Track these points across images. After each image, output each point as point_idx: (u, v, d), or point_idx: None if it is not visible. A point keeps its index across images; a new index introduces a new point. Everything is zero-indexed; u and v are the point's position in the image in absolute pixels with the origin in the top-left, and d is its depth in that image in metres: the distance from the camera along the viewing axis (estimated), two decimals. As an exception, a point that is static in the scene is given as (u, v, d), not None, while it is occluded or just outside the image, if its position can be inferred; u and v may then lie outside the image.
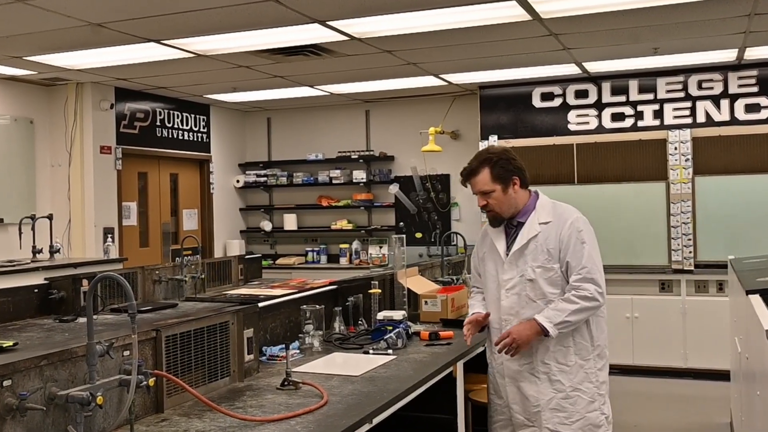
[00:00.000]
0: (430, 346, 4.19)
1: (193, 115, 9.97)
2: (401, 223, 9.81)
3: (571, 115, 8.64)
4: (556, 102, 8.71)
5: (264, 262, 8.64)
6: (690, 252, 8.02)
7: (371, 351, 4.02)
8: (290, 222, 10.60)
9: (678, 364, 7.94)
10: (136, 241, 9.13)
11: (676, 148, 8.12)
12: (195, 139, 10.04)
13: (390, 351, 4.00)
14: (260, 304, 3.94)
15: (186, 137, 9.87)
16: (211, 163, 10.34)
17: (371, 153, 10.19)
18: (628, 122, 8.41)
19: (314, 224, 10.68)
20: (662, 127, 8.26)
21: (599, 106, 8.54)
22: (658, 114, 8.30)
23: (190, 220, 10.08)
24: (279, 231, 10.73)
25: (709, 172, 8.04)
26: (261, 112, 10.93)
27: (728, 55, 7.59)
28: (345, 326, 4.56)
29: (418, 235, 9.78)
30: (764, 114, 7.94)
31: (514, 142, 8.67)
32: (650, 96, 8.33)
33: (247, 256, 7.26)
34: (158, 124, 9.38)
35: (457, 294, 5.08)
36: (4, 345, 3.47)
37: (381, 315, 4.50)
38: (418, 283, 5.27)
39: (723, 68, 8.06)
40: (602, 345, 3.58)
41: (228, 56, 7.10)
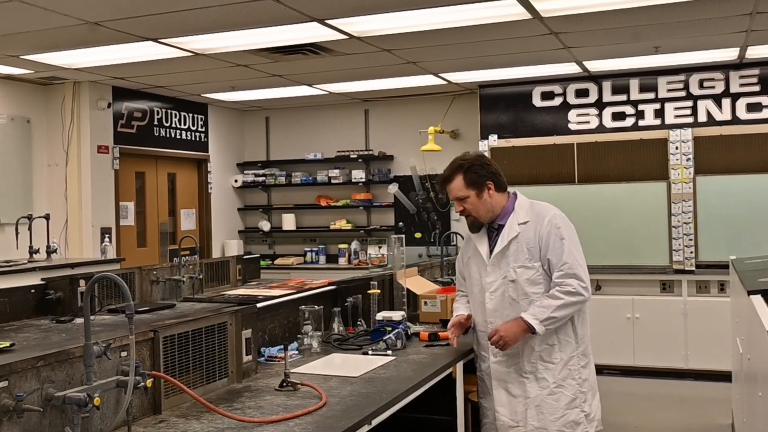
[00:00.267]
0: (430, 346, 4.17)
1: (191, 115, 9.96)
2: (400, 223, 9.80)
3: (572, 115, 8.63)
4: (557, 101, 8.70)
5: (262, 263, 8.63)
6: (691, 252, 8.01)
7: (370, 352, 4.00)
8: (289, 222, 10.59)
9: (679, 364, 7.93)
10: (133, 241, 9.12)
11: (677, 148, 8.10)
12: (193, 138, 10.03)
13: (389, 352, 3.99)
14: (258, 305, 3.92)
15: (184, 137, 9.86)
16: (209, 163, 10.34)
17: (370, 152, 10.19)
18: (629, 121, 8.40)
19: (313, 224, 10.68)
20: (663, 126, 8.25)
21: (600, 105, 8.53)
22: (659, 113, 8.29)
23: (187, 220, 10.07)
24: (277, 231, 10.72)
25: (711, 171, 8.02)
26: (259, 112, 10.93)
27: (730, 54, 7.58)
28: (344, 327, 4.55)
29: (418, 235, 9.77)
30: (766, 113, 7.93)
31: (514, 141, 8.67)
32: (651, 95, 8.32)
33: (245, 257, 7.23)
34: (156, 123, 9.37)
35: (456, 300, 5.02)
36: (1, 346, 3.42)
37: (380, 316, 4.48)
38: (418, 284, 5.24)
39: (724, 67, 8.05)
40: (586, 342, 3.63)
41: (226, 55, 7.09)
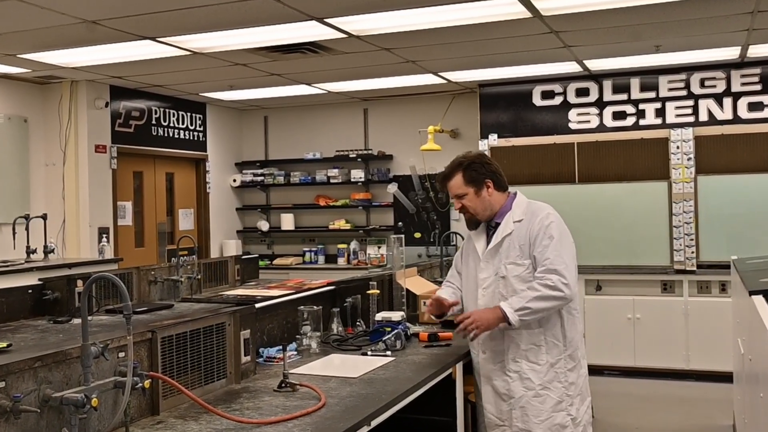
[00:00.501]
0: (429, 347, 4.17)
1: (189, 114, 9.96)
2: (400, 223, 9.79)
3: (572, 114, 8.62)
4: (557, 100, 8.69)
5: (261, 263, 8.66)
6: (692, 252, 7.99)
7: (369, 352, 4.00)
8: (287, 222, 10.58)
9: (680, 365, 7.91)
10: (131, 241, 9.12)
11: (678, 147, 8.09)
12: (191, 137, 10.02)
13: (388, 352, 3.99)
14: (257, 305, 3.93)
15: (182, 136, 9.85)
16: (208, 162, 10.33)
17: (369, 152, 10.18)
18: (630, 121, 8.39)
19: (312, 224, 10.67)
20: (664, 125, 8.24)
21: (600, 104, 8.52)
22: (660, 112, 8.28)
23: (186, 220, 10.06)
24: (276, 231, 10.71)
25: (712, 171, 8.01)
26: (258, 111, 10.92)
27: (731, 53, 7.57)
28: (343, 327, 4.54)
29: (417, 235, 9.77)
30: (767, 112, 7.91)
31: (514, 140, 8.65)
32: (652, 94, 8.31)
33: (243, 257, 7.22)
34: (154, 122, 9.36)
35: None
36: (-2, 346, 3.44)
37: (379, 316, 4.46)
38: (417, 284, 5.23)
39: (726, 66, 8.04)
40: (575, 346, 3.62)
41: (224, 54, 7.09)
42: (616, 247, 8.21)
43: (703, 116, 8.11)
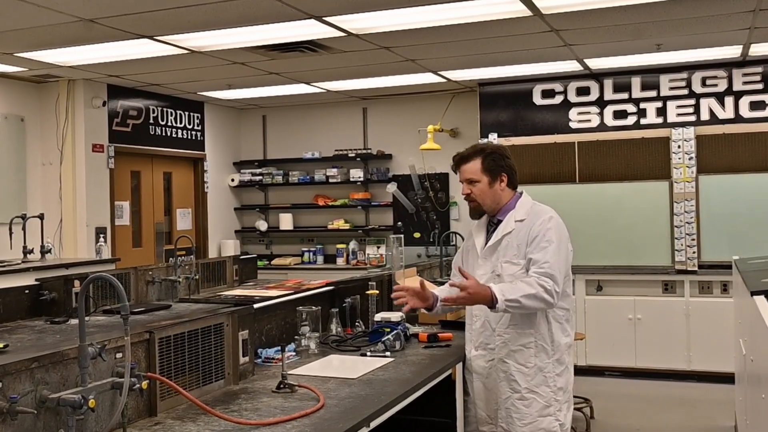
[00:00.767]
0: (429, 348, 4.15)
1: (187, 113, 9.94)
2: (399, 223, 9.74)
3: (573, 113, 8.60)
4: (557, 99, 8.66)
5: (259, 263, 8.68)
6: (693, 252, 7.97)
7: (368, 353, 3.97)
8: (286, 222, 10.55)
9: (681, 366, 7.90)
10: (128, 241, 9.10)
11: (679, 147, 8.07)
12: (189, 137, 10.01)
13: (388, 353, 3.96)
14: (255, 306, 3.91)
15: (180, 135, 9.83)
16: (206, 162, 10.31)
17: (369, 151, 10.17)
18: (631, 120, 8.37)
19: (310, 224, 10.65)
20: (665, 124, 8.22)
21: (601, 103, 8.50)
22: (661, 111, 8.26)
23: (183, 220, 10.05)
24: (275, 231, 10.69)
25: (713, 170, 7.99)
26: (256, 110, 10.89)
27: (733, 52, 7.56)
28: (342, 328, 4.52)
29: (417, 234, 9.76)
30: (769, 111, 7.93)
31: (514, 140, 8.62)
32: (653, 93, 8.29)
33: (242, 257, 7.24)
34: (151, 121, 9.35)
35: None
36: (-5, 347, 3.45)
37: (378, 316, 4.45)
38: (417, 284, 5.13)
39: (727, 65, 8.02)
40: (563, 350, 3.59)
41: (222, 53, 7.07)
42: (616, 247, 8.21)
43: (705, 115, 8.09)
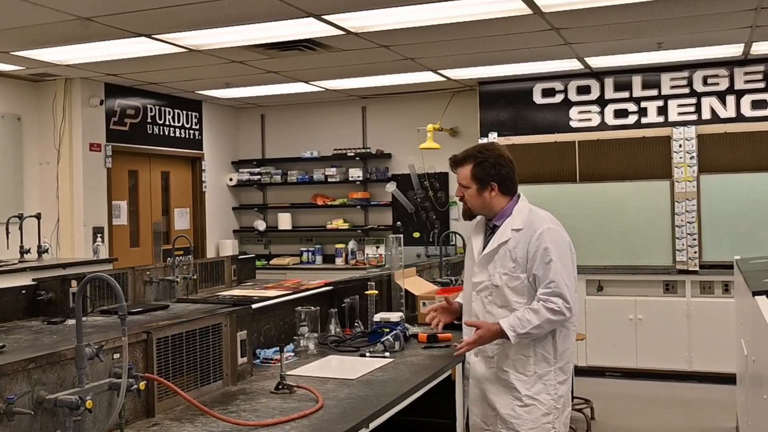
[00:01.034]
0: (428, 348, 4.15)
1: (184, 112, 9.92)
2: (398, 223, 9.73)
3: (573, 112, 8.58)
4: (558, 98, 8.64)
5: (258, 263, 8.65)
6: (695, 252, 7.95)
7: (368, 354, 3.97)
8: (285, 221, 10.53)
9: (683, 367, 7.88)
10: (126, 241, 9.08)
11: (680, 146, 8.05)
12: (187, 136, 9.99)
13: (387, 354, 3.96)
14: (254, 306, 3.91)
15: (177, 134, 9.82)
16: (204, 161, 10.29)
17: (368, 150, 10.15)
18: (632, 119, 8.35)
19: (309, 224, 10.63)
20: (666, 123, 8.20)
21: (602, 102, 8.48)
22: (662, 110, 8.24)
23: (181, 220, 10.03)
24: (273, 230, 10.67)
25: (715, 170, 7.97)
26: (255, 109, 10.88)
27: (734, 50, 7.54)
28: (341, 328, 4.50)
29: (416, 234, 9.74)
30: (771, 110, 7.91)
31: (514, 139, 8.60)
32: (654, 92, 8.27)
33: (240, 257, 7.25)
34: (149, 120, 9.33)
35: (456, 295, 4.96)
36: (-8, 348, 3.46)
37: (378, 317, 4.46)
38: (416, 284, 5.19)
39: (729, 63, 8.00)
40: (566, 359, 3.58)
41: (221, 51, 7.06)
42: (617, 247, 8.19)
43: (706, 114, 8.07)
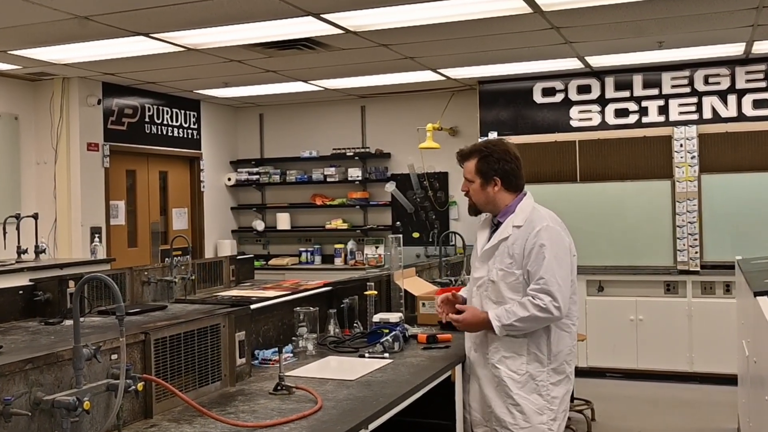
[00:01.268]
0: (428, 349, 4.14)
1: (183, 111, 9.91)
2: (398, 223, 9.74)
3: (574, 111, 8.56)
4: (558, 97, 8.63)
5: (256, 263, 8.64)
6: (696, 252, 7.93)
7: (367, 354, 3.96)
8: (283, 221, 10.52)
9: (684, 368, 7.86)
10: (124, 241, 9.07)
11: (681, 145, 8.03)
12: (185, 135, 9.98)
13: (386, 354, 3.94)
14: (252, 306, 3.89)
15: (176, 134, 9.81)
16: (202, 161, 10.28)
17: (367, 150, 10.14)
18: (632, 118, 8.33)
19: (308, 224, 10.61)
20: (667, 123, 8.19)
21: (602, 101, 8.46)
22: (663, 110, 8.22)
23: (179, 220, 10.02)
24: (272, 230, 10.67)
25: (716, 169, 7.95)
26: (253, 108, 10.87)
27: (735, 49, 7.52)
28: (340, 329, 4.49)
29: (416, 234, 9.72)
30: (773, 109, 7.89)
31: (514, 138, 8.57)
32: (655, 91, 8.25)
33: (238, 257, 7.25)
34: (147, 120, 9.32)
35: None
36: (-12, 348, 3.45)
37: (377, 317, 4.46)
38: (416, 285, 5.18)
39: (730, 62, 7.98)
40: (562, 360, 3.57)
41: (219, 50, 7.06)
42: (618, 247, 8.17)
43: (707, 114, 8.05)
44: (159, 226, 9.70)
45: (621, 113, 8.37)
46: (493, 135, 8.66)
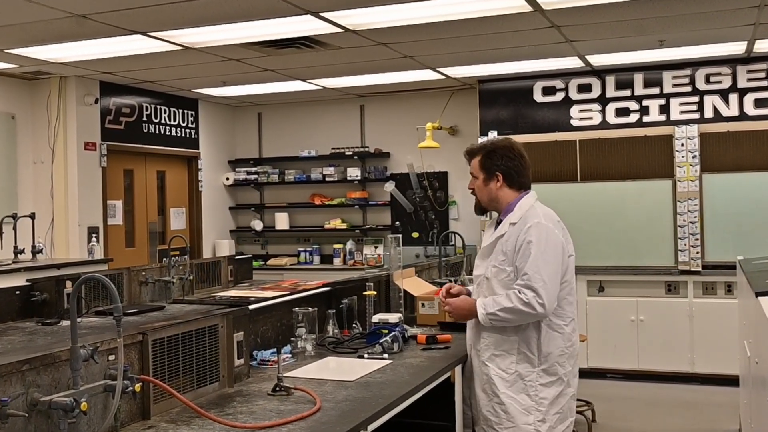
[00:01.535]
0: (427, 350, 4.13)
1: (180, 110, 9.89)
2: (397, 223, 9.73)
3: (574, 110, 8.55)
4: (559, 96, 8.61)
5: (255, 263, 8.63)
6: (697, 252, 7.92)
7: (366, 355, 3.96)
8: (282, 221, 10.50)
9: (685, 368, 7.85)
10: (121, 241, 9.05)
11: (682, 145, 8.01)
12: (183, 135, 9.96)
13: (385, 355, 3.94)
14: (251, 307, 3.89)
15: (173, 133, 9.79)
16: (200, 160, 10.26)
17: (366, 149, 10.12)
18: (633, 117, 8.31)
19: (307, 223, 10.59)
20: (668, 122, 8.17)
21: (603, 100, 8.44)
22: (665, 109, 8.20)
23: (177, 220, 10.00)
24: (270, 230, 10.65)
25: (718, 169, 7.94)
26: (251, 107, 10.85)
27: (737, 48, 7.51)
28: (339, 329, 4.48)
29: (415, 234, 9.70)
30: (774, 108, 7.88)
31: (514, 138, 8.51)
32: (656, 90, 8.24)
33: (237, 257, 7.25)
34: (145, 119, 9.30)
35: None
36: (-15, 349, 3.48)
37: (376, 318, 4.45)
38: (415, 285, 5.16)
39: (731, 61, 7.96)
40: (553, 361, 3.54)
41: (217, 49, 7.04)
42: (619, 248, 8.15)
43: (709, 113, 8.03)
44: (157, 226, 9.68)
45: (622, 112, 8.35)
46: (493, 134, 8.63)
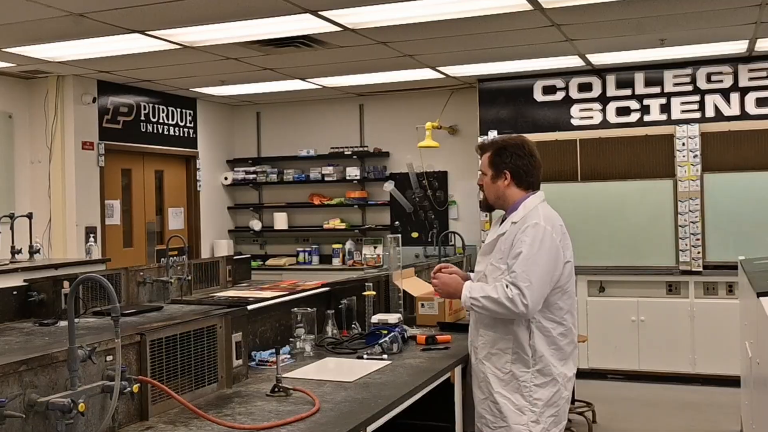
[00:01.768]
0: (427, 350, 4.13)
1: (179, 110, 9.88)
2: (397, 223, 9.71)
3: (575, 110, 8.53)
4: (559, 96, 8.59)
5: (253, 263, 8.59)
6: (698, 252, 7.91)
7: (365, 356, 3.95)
8: (281, 221, 10.50)
9: (686, 369, 7.84)
10: (119, 241, 9.05)
11: (683, 144, 8.01)
12: (181, 134, 9.95)
13: (385, 356, 3.94)
14: (249, 307, 3.92)
15: (172, 132, 9.77)
16: (198, 160, 10.25)
17: (365, 149, 10.11)
18: (634, 117, 8.30)
19: (306, 223, 10.58)
20: (669, 121, 8.16)
21: (603, 99, 8.43)
22: (665, 108, 8.19)
23: (175, 219, 9.99)
24: (269, 230, 10.64)
25: (719, 168, 7.93)
26: (250, 107, 10.85)
27: (738, 47, 7.50)
28: (338, 330, 4.48)
29: (415, 234, 9.69)
30: (776, 108, 7.87)
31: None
32: (657, 89, 8.22)
33: (235, 257, 7.23)
34: (143, 118, 9.29)
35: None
36: (-18, 350, 3.48)
37: (375, 318, 4.45)
38: (415, 285, 5.15)
39: (733, 60, 7.95)
40: (548, 363, 3.50)
41: (216, 48, 7.04)
42: (619, 248, 8.14)
43: (710, 112, 8.02)
44: (155, 226, 9.67)
45: (622, 111, 8.34)
46: (492, 134, 8.61)
